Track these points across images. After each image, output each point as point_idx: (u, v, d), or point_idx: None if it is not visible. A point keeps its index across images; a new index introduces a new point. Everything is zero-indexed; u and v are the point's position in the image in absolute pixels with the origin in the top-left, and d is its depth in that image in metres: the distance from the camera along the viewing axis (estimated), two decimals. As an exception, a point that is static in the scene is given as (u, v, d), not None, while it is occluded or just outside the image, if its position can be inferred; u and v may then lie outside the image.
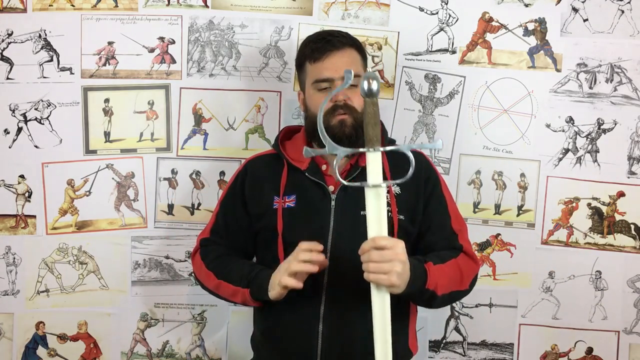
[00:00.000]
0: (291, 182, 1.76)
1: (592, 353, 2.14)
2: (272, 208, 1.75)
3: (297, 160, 1.77)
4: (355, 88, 1.71)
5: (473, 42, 2.12)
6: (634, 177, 2.11)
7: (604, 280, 2.13)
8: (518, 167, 2.13)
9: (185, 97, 2.13)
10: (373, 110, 1.45)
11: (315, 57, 1.74)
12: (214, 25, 2.12)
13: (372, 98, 1.44)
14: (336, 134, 1.68)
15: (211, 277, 1.76)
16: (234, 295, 1.71)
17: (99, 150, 2.12)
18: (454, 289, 1.68)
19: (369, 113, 1.45)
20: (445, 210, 1.79)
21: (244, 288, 1.67)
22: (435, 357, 2.17)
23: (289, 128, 1.91)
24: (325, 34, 1.80)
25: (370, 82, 1.43)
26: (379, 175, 1.44)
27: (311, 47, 1.76)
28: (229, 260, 1.78)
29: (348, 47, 1.76)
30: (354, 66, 1.73)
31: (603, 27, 2.10)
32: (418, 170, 1.78)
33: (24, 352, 2.13)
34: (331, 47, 1.73)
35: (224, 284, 1.72)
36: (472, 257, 1.76)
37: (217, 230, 1.84)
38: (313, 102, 1.76)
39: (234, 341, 2.16)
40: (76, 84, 2.10)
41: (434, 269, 1.60)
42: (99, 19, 2.10)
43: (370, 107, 1.45)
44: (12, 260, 2.11)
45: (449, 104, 2.13)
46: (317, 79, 1.74)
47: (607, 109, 2.11)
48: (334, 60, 1.73)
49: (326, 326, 1.67)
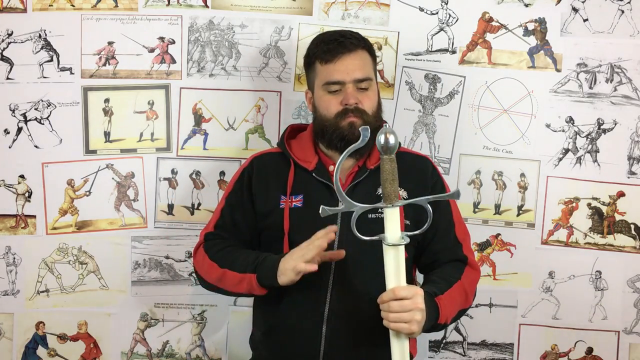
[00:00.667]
0: (298, 182, 1.75)
1: (592, 353, 2.14)
2: (278, 207, 1.73)
3: (303, 160, 1.77)
4: (365, 91, 1.72)
5: (473, 42, 2.12)
6: (634, 177, 2.11)
7: (604, 280, 2.13)
8: (518, 167, 2.12)
9: (185, 97, 2.13)
10: (391, 167, 1.41)
11: (327, 58, 1.73)
12: (214, 25, 2.12)
13: (390, 155, 1.40)
14: (346, 136, 1.68)
15: (214, 267, 1.73)
16: (238, 283, 1.67)
17: (99, 150, 2.12)
18: (460, 308, 1.69)
19: (386, 170, 1.41)
20: (450, 218, 1.79)
21: (251, 273, 1.64)
22: (435, 357, 2.17)
23: (294, 126, 1.90)
24: (337, 34, 1.78)
25: (388, 137, 1.37)
26: (397, 232, 1.43)
27: (323, 47, 1.74)
28: (234, 250, 1.75)
29: (360, 49, 1.75)
30: (365, 67, 1.73)
31: (603, 27, 2.10)
32: (424, 176, 1.79)
33: (24, 352, 2.13)
34: (343, 49, 1.72)
35: (228, 272, 1.69)
36: (475, 267, 1.77)
37: (222, 225, 1.82)
38: (323, 103, 1.74)
39: (233, 341, 2.16)
40: (76, 84, 2.10)
41: (444, 301, 1.60)
42: (99, 19, 2.10)
43: (387, 164, 1.40)
44: (12, 260, 2.11)
45: (449, 104, 2.13)
46: (327, 81, 1.73)
47: (607, 109, 2.11)
48: (346, 62, 1.71)
49: (330, 327, 1.67)
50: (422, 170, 1.80)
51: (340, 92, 1.71)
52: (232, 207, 1.82)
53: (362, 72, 1.71)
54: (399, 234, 1.43)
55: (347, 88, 1.70)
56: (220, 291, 1.77)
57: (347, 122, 1.69)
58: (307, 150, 1.79)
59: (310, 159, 1.76)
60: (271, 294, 1.68)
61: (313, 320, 1.68)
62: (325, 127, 1.73)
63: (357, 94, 1.70)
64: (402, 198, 1.71)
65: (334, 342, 1.67)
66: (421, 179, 1.77)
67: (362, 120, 1.69)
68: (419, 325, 1.47)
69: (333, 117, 1.71)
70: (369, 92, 1.73)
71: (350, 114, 1.70)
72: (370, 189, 1.72)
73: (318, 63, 1.75)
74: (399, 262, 1.44)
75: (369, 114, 1.71)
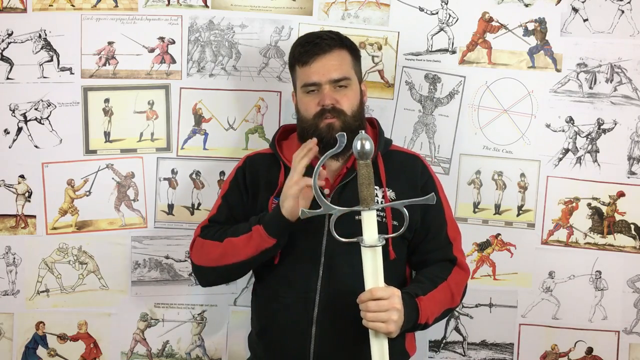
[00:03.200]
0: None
1: (592, 353, 2.14)
2: (267, 209, 1.74)
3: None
4: (344, 89, 1.72)
5: (473, 42, 2.12)
6: (634, 177, 2.11)
7: (604, 280, 2.13)
8: (518, 167, 2.12)
9: (185, 97, 2.13)
10: (367, 171, 1.47)
11: (303, 60, 1.73)
12: (214, 25, 2.12)
13: (366, 160, 1.46)
14: (324, 138, 1.68)
15: (214, 245, 1.73)
16: (247, 244, 1.67)
17: (99, 150, 2.12)
18: (445, 308, 1.71)
19: (362, 175, 1.47)
20: (442, 218, 1.80)
21: (257, 225, 1.66)
22: (435, 357, 2.17)
23: (286, 127, 1.90)
24: (313, 36, 1.78)
25: (364, 143, 1.45)
26: (375, 234, 1.48)
27: (299, 50, 1.76)
28: (231, 225, 1.76)
29: (337, 49, 1.74)
30: (342, 67, 1.73)
31: (603, 27, 2.10)
32: (414, 177, 1.79)
33: (24, 352, 2.13)
34: (318, 50, 1.72)
35: (232, 240, 1.70)
36: (464, 268, 1.78)
37: (218, 220, 1.82)
38: (302, 105, 1.76)
39: (233, 341, 2.16)
40: (76, 84, 2.10)
41: (424, 302, 1.62)
42: (99, 19, 2.10)
43: (363, 169, 1.47)
44: (12, 260, 2.11)
45: (449, 104, 2.13)
46: (305, 83, 1.73)
47: (607, 109, 2.11)
48: (321, 64, 1.72)
49: (319, 328, 1.68)
50: (412, 170, 1.80)
51: (318, 93, 1.72)
52: (229, 203, 1.83)
53: (338, 72, 1.71)
54: (376, 236, 1.48)
55: (324, 89, 1.71)
56: (222, 273, 1.76)
57: (325, 123, 1.69)
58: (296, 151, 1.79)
59: None
60: (265, 294, 1.70)
61: (303, 321, 1.69)
62: (304, 128, 1.74)
63: (334, 94, 1.70)
64: (390, 199, 1.73)
65: (324, 342, 1.68)
66: (410, 179, 1.78)
67: (340, 120, 1.69)
68: (396, 325, 1.52)
69: (312, 118, 1.72)
70: (348, 92, 1.72)
71: (327, 115, 1.70)
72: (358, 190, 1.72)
73: (297, 66, 1.76)
74: (377, 263, 1.49)
75: (347, 114, 1.70)
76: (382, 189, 1.73)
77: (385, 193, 1.73)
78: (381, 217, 1.71)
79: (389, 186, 1.74)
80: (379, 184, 1.73)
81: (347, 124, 1.69)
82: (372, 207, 1.48)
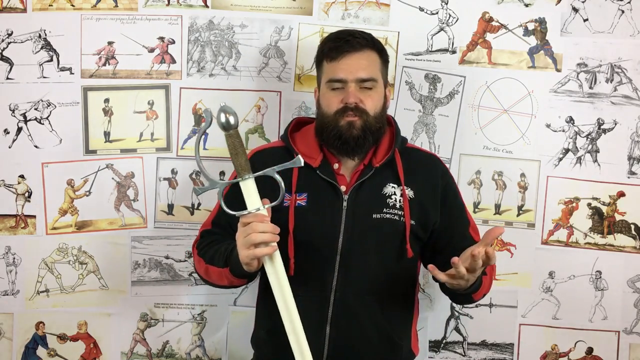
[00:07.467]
0: (302, 179, 1.73)
1: (592, 353, 2.14)
2: (282, 205, 1.70)
3: (308, 156, 1.73)
4: (369, 90, 1.70)
5: (473, 42, 2.12)
6: (634, 177, 2.11)
7: (604, 280, 2.13)
8: (518, 167, 2.12)
9: (185, 97, 2.13)
10: (232, 142, 1.52)
11: (332, 56, 1.72)
12: (214, 25, 2.12)
13: (229, 131, 1.52)
14: (343, 135, 1.67)
15: (201, 263, 1.73)
16: (220, 278, 1.67)
17: (99, 150, 2.12)
18: (476, 298, 1.73)
19: (228, 145, 1.53)
20: (465, 219, 1.80)
21: (225, 268, 1.63)
22: (435, 357, 2.17)
23: (300, 119, 1.87)
24: (345, 33, 1.76)
25: (228, 117, 1.51)
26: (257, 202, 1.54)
27: (329, 45, 1.73)
28: (215, 244, 1.74)
29: (368, 49, 1.73)
30: (371, 68, 1.71)
31: (603, 27, 2.10)
32: (433, 177, 1.78)
33: (24, 352, 2.13)
34: (349, 48, 1.70)
35: (210, 268, 1.69)
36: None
37: (218, 222, 1.81)
38: (325, 100, 1.73)
39: (234, 341, 2.16)
40: (76, 84, 2.10)
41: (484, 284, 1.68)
42: (98, 19, 2.10)
43: (228, 140, 1.53)
44: (12, 260, 2.11)
45: (449, 104, 2.13)
46: (331, 79, 1.71)
47: (607, 109, 2.11)
48: (350, 61, 1.70)
49: (334, 328, 1.67)
50: (430, 169, 1.79)
51: (343, 90, 1.70)
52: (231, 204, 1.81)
53: (366, 72, 1.70)
54: (258, 203, 1.54)
55: (349, 87, 1.69)
56: (215, 285, 1.76)
57: (346, 120, 1.68)
58: (311, 146, 1.76)
59: (314, 155, 1.74)
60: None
61: (318, 320, 1.67)
62: (324, 123, 1.72)
63: (359, 93, 1.69)
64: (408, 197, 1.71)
65: (339, 341, 1.67)
66: (429, 179, 1.77)
67: (362, 120, 1.68)
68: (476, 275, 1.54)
69: (333, 115, 1.70)
70: (373, 93, 1.71)
71: (350, 113, 1.68)
72: (376, 187, 1.72)
73: (325, 60, 1.74)
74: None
75: (369, 114, 1.69)
76: (401, 187, 1.72)
77: (404, 192, 1.72)
78: (399, 216, 1.69)
79: (408, 184, 1.73)
80: (397, 183, 1.72)
81: (369, 123, 1.68)
82: (245, 177, 1.54)
